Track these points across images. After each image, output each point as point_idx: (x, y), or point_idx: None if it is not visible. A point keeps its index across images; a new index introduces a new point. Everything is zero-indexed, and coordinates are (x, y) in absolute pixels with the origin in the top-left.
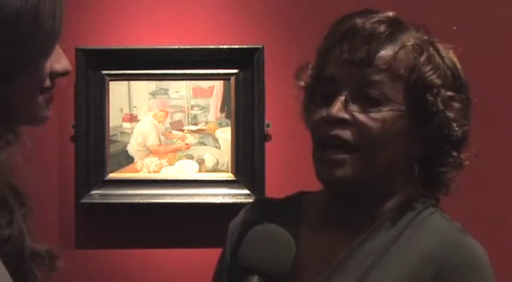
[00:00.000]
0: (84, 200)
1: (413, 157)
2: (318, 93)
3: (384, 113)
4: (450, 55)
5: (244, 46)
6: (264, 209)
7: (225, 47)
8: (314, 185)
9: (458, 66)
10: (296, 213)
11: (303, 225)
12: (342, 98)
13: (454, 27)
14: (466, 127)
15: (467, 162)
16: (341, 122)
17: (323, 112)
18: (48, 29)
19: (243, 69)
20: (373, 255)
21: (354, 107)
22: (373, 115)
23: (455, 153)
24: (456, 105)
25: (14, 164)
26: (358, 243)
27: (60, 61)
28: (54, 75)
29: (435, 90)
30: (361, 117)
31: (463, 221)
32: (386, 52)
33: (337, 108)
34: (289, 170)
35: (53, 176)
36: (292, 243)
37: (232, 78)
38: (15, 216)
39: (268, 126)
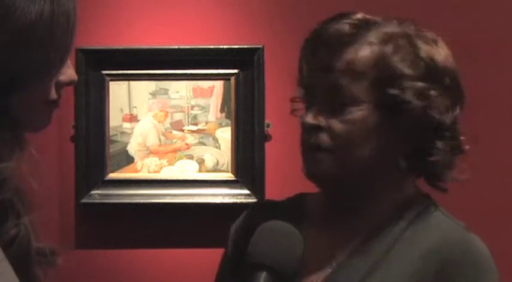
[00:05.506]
0: (84, 200)
1: (399, 151)
2: (305, 101)
3: (354, 114)
4: (430, 46)
5: (244, 46)
6: (265, 210)
7: (225, 47)
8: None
9: (438, 56)
10: (298, 213)
11: (305, 226)
12: (315, 105)
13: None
14: (445, 115)
15: (465, 147)
16: (316, 129)
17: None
18: (60, 43)
19: (243, 69)
20: (375, 255)
21: (325, 113)
22: (343, 118)
23: (439, 143)
24: (432, 92)
25: (20, 169)
26: (359, 243)
27: (65, 71)
28: (59, 86)
29: (402, 80)
30: (332, 122)
31: (465, 219)
32: (347, 54)
33: (310, 116)
34: (289, 170)
35: (53, 176)
36: (300, 240)
37: (232, 78)
38: (21, 218)
39: (268, 126)
